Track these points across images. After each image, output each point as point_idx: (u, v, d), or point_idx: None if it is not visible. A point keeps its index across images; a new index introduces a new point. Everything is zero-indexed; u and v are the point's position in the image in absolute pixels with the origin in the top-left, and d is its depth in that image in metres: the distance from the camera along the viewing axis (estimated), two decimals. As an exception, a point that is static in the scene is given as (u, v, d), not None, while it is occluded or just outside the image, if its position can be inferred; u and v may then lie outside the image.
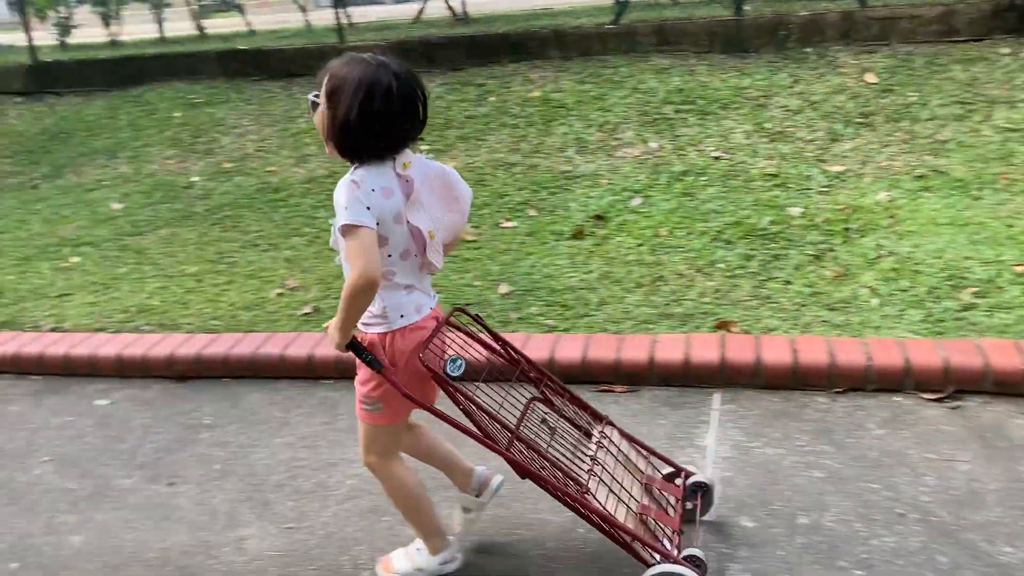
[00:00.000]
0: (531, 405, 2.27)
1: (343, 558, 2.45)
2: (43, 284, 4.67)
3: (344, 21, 7.97)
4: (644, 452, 2.43)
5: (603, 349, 3.27)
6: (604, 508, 2.10)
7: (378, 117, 1.95)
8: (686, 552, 2.11)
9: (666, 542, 2.13)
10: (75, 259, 5.04)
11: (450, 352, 2.13)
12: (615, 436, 2.38)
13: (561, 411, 2.34)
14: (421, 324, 2.10)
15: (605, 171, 5.44)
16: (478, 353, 2.25)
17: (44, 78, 8.10)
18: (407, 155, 2.05)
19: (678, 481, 2.38)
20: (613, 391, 3.22)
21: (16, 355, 3.80)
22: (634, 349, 3.25)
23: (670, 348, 3.23)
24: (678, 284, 3.87)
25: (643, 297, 3.76)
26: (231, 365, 3.60)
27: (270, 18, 10.22)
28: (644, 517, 2.17)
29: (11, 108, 8.06)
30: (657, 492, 2.30)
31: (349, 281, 1.94)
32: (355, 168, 2.03)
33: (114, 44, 9.32)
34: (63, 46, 9.35)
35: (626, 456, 2.34)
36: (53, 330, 4.06)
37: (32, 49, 8.32)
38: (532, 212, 5.03)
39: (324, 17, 9.56)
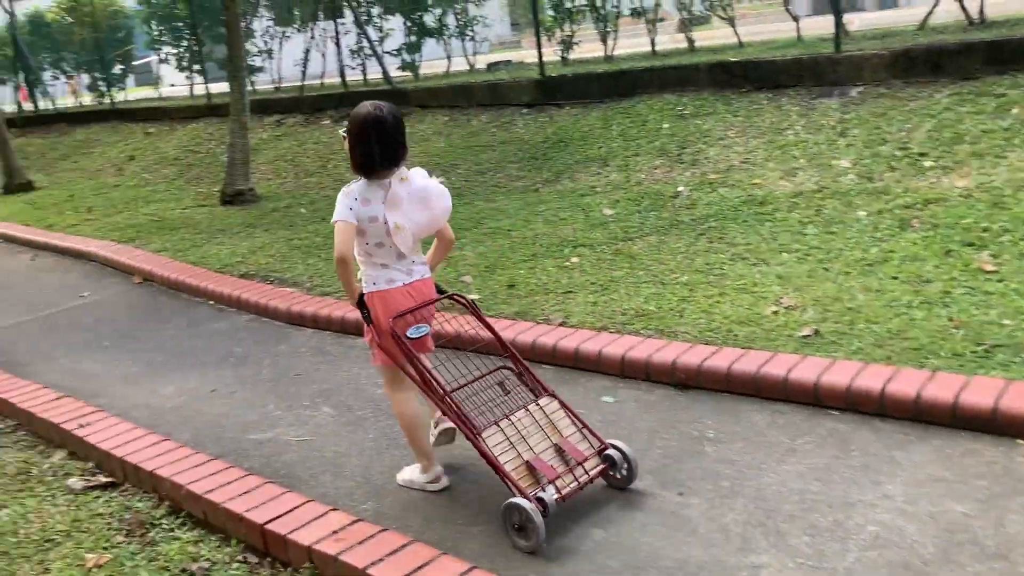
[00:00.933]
0: (498, 371, 3.11)
1: (871, 612, 2.26)
2: (549, 281, 5.09)
3: (839, 30, 7.59)
4: (579, 424, 3.00)
5: None
6: (490, 450, 2.80)
7: (370, 146, 2.92)
8: (537, 494, 2.70)
9: (551, 488, 2.74)
10: (574, 259, 5.42)
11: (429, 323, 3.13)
12: (551, 406, 3.01)
13: (523, 380, 3.10)
14: (397, 294, 3.00)
15: None
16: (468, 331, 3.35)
17: (548, 91, 8.91)
18: (404, 172, 2.98)
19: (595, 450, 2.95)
20: None
21: (533, 343, 4.17)
22: None
23: None
24: None
25: None
26: (732, 380, 3.57)
27: (753, 28, 10.16)
28: (531, 465, 2.80)
29: (519, 118, 9.00)
30: (566, 453, 2.88)
31: (336, 253, 2.93)
32: (353, 182, 2.99)
33: (609, 59, 9.95)
34: (564, 61, 10.20)
35: (550, 421, 2.97)
36: (562, 324, 4.39)
37: (541, 65, 9.20)
38: (1070, 243, 4.33)
39: (814, 26, 9.26)
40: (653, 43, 9.85)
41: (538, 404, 3.00)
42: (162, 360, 4.94)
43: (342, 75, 11.98)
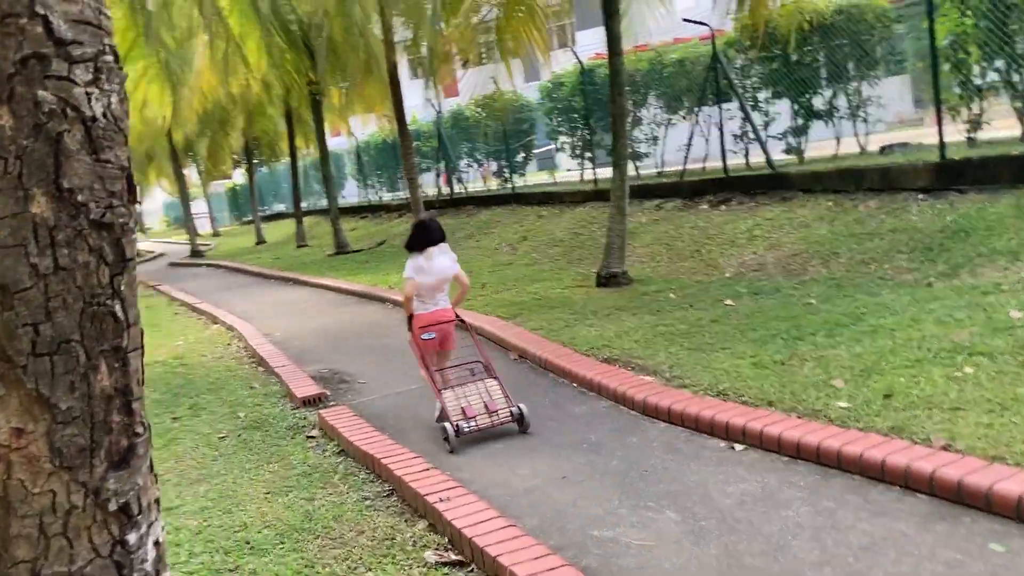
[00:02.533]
0: (473, 363, 5.64)
1: None
2: (934, 393, 4.50)
3: None
4: (505, 395, 5.31)
5: None
6: (443, 400, 5.25)
7: (416, 237, 5.60)
8: (458, 422, 5.11)
9: (473, 422, 5.13)
10: (968, 369, 4.74)
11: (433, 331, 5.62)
12: (491, 383, 5.39)
13: (484, 369, 5.55)
14: (424, 316, 5.57)
15: None
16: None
17: (949, 175, 8.07)
18: (431, 252, 5.51)
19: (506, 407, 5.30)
20: None
21: (907, 468, 3.68)
22: None
23: None
24: None
25: None
26: None
27: None
28: (464, 409, 5.17)
29: (912, 204, 8.24)
30: (487, 406, 5.22)
31: (403, 295, 5.67)
32: (410, 256, 5.58)
33: (1026, 138, 8.79)
34: (971, 142, 9.21)
35: (487, 391, 5.32)
36: (945, 448, 3.83)
37: (942, 147, 8.38)
38: None
39: None
40: (1087, 118, 8.51)
41: (483, 382, 5.36)
42: (522, 439, 5.16)
43: (723, 160, 11.94)
